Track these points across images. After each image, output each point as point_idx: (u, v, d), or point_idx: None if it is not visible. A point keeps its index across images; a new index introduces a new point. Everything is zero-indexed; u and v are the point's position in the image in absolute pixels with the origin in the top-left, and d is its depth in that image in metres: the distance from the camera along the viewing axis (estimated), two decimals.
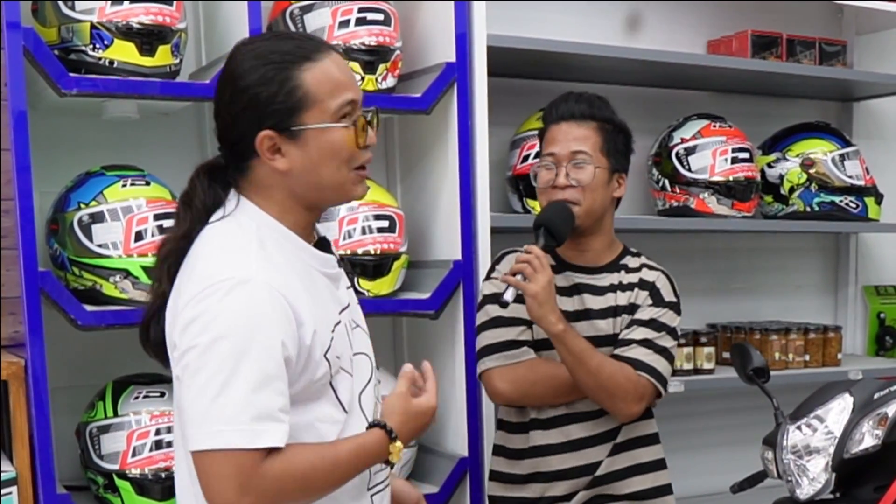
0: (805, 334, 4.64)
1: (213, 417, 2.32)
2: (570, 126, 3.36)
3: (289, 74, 2.44)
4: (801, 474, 3.09)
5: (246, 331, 2.33)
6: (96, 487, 3.48)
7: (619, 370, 3.28)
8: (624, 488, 3.40)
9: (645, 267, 3.49)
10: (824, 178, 4.57)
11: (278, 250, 2.46)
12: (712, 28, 4.84)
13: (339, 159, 2.48)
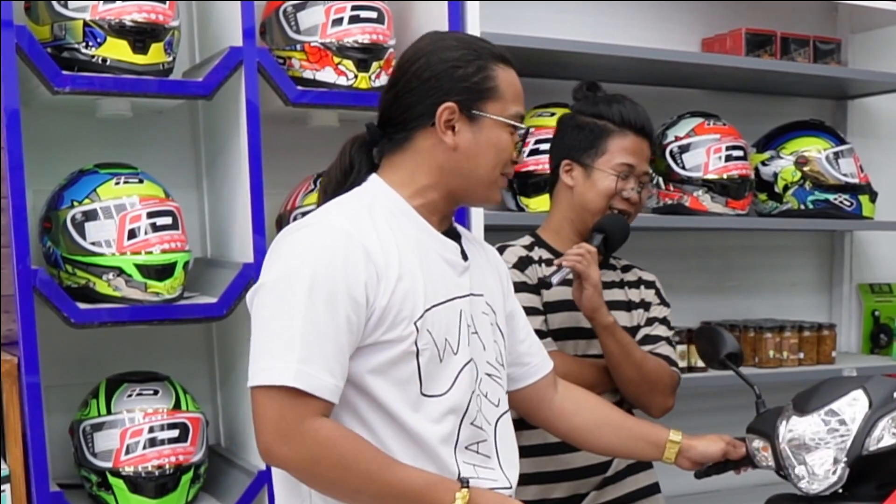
0: (799, 332, 4.69)
1: (265, 354, 2.37)
2: (645, 143, 3.38)
3: (488, 64, 2.56)
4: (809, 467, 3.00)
5: (308, 271, 2.36)
6: (90, 485, 3.48)
7: (659, 365, 3.35)
8: (621, 489, 3.42)
9: (634, 267, 3.56)
10: (818, 176, 4.60)
11: (389, 220, 2.51)
12: (706, 26, 4.89)
13: (498, 157, 2.59)
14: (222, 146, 3.79)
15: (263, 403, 2.38)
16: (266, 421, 2.38)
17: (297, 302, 2.36)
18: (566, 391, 2.99)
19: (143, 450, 3.41)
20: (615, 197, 3.32)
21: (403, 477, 2.46)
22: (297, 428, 2.36)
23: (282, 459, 2.40)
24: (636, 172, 3.32)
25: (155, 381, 3.57)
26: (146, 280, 3.37)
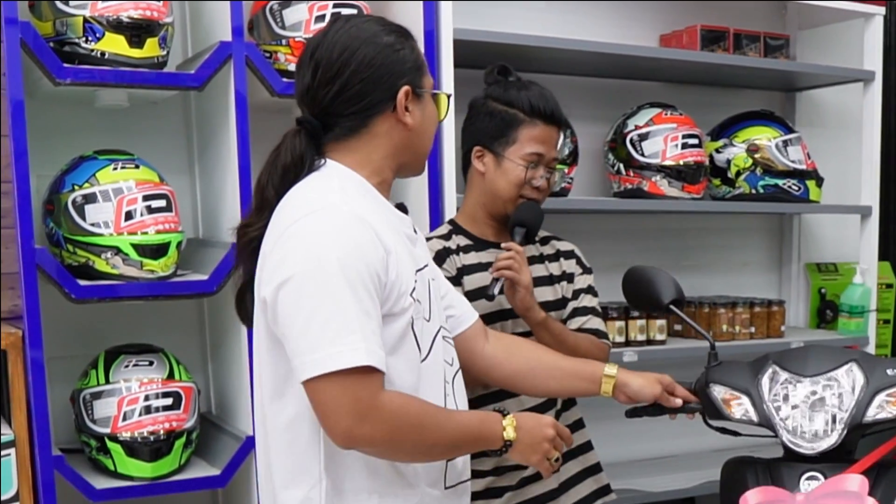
0: (751, 308, 4.69)
1: (325, 341, 2.29)
2: (555, 131, 3.36)
3: (412, 44, 2.58)
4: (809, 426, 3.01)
5: (335, 252, 2.32)
6: (89, 450, 3.49)
7: (590, 342, 3.33)
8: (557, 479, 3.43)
9: (552, 239, 3.53)
10: (769, 163, 4.60)
11: (355, 194, 2.47)
12: (664, 23, 4.85)
13: (434, 127, 2.65)
14: (213, 134, 3.79)
15: (332, 390, 2.31)
16: (341, 407, 2.32)
17: (337, 287, 2.30)
18: (496, 340, 2.98)
19: (138, 417, 3.43)
20: (525, 186, 3.33)
21: (462, 420, 2.53)
22: (374, 405, 2.32)
23: (366, 439, 2.35)
24: (545, 160, 3.32)
25: (150, 353, 3.59)
26: (142, 259, 3.38)
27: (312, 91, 2.52)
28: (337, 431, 2.33)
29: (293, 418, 2.46)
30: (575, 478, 3.47)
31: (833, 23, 5.10)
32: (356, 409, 2.30)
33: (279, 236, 2.40)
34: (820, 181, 4.71)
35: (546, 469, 2.63)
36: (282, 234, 2.40)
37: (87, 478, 3.41)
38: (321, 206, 2.40)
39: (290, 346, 2.35)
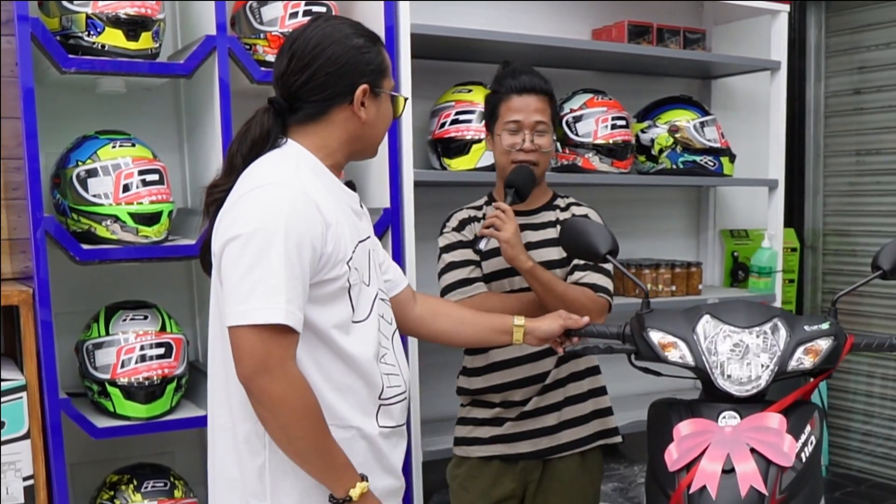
0: (672, 269, 4.73)
1: (254, 296, 2.33)
2: (531, 98, 3.36)
3: (380, 48, 2.62)
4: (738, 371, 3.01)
5: (281, 223, 2.35)
6: (92, 393, 3.52)
7: (582, 293, 3.31)
8: (562, 394, 3.47)
9: (573, 205, 3.53)
10: (688, 142, 4.63)
11: (312, 176, 2.52)
12: (595, 18, 4.86)
13: (387, 124, 2.69)
14: (200, 117, 3.78)
15: (250, 339, 2.34)
16: (251, 356, 2.35)
17: (276, 251, 2.34)
18: (423, 302, 3.04)
19: (135, 364, 3.46)
20: (512, 151, 3.35)
21: (335, 448, 2.46)
22: (281, 364, 2.35)
23: (260, 390, 2.36)
24: (525, 125, 3.33)
25: (145, 308, 3.60)
26: (138, 226, 3.40)
27: (285, 77, 2.56)
28: (242, 372, 2.36)
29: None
30: (579, 420, 3.51)
31: (744, 19, 5.09)
32: (265, 361, 2.34)
33: (234, 202, 2.44)
34: (732, 158, 4.77)
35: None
36: (236, 201, 2.43)
37: (90, 418, 3.42)
38: (274, 181, 2.43)
39: (224, 293, 2.40)
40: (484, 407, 3.50)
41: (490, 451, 3.46)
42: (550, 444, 3.46)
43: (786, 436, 2.87)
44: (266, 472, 2.51)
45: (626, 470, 4.81)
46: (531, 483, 3.50)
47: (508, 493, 3.47)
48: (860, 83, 5.55)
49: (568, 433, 3.48)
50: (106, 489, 3.64)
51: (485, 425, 3.48)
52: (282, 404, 2.37)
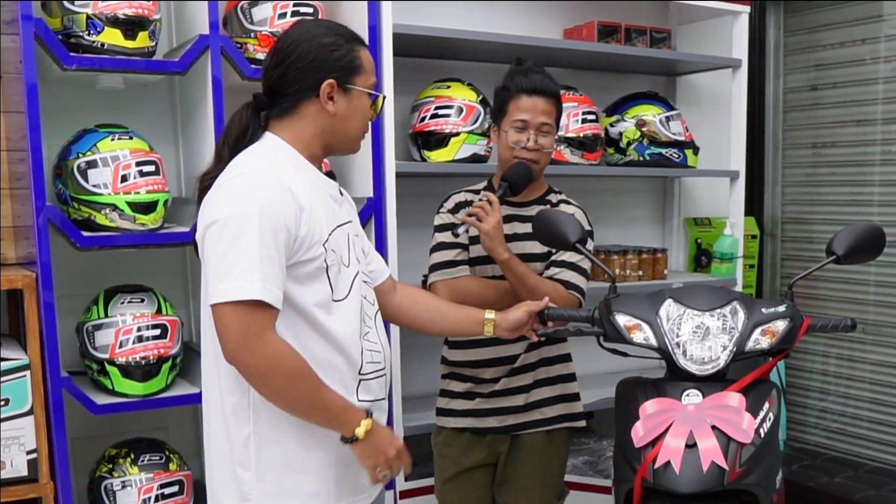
0: (639, 255, 4.71)
1: (231, 275, 2.36)
2: (539, 100, 3.35)
3: (354, 47, 2.62)
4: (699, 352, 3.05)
5: (255, 208, 2.38)
6: (91, 372, 3.54)
7: (553, 289, 3.31)
8: (532, 376, 3.49)
9: (563, 202, 3.53)
10: (654, 135, 4.63)
11: (290, 166, 2.55)
12: (567, 19, 4.85)
13: (362, 119, 2.68)
14: (193, 111, 3.78)
15: (230, 316, 2.37)
16: (232, 332, 2.38)
17: (251, 234, 2.36)
18: (403, 291, 3.07)
19: (132, 344, 3.48)
20: (516, 148, 3.36)
21: (330, 397, 2.50)
22: (260, 337, 2.37)
23: (244, 364, 2.40)
24: (531, 125, 3.33)
25: (142, 292, 3.61)
26: (135, 214, 3.41)
27: (266, 72, 2.62)
28: (226, 350, 2.40)
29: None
30: (546, 401, 3.52)
31: (707, 19, 5.07)
32: (244, 335, 2.37)
33: (213, 191, 2.49)
34: (696, 150, 4.77)
35: (371, 476, 2.62)
36: (215, 190, 2.48)
37: (90, 395, 3.44)
38: (249, 170, 2.47)
39: (206, 275, 2.45)
40: (459, 380, 3.53)
41: (462, 423, 3.49)
42: (517, 422, 3.48)
43: (745, 413, 2.90)
44: (251, 442, 2.54)
45: (595, 444, 4.82)
46: (501, 453, 3.52)
47: (479, 461, 3.51)
48: (816, 80, 5.53)
49: (535, 413, 3.50)
50: (105, 462, 3.66)
51: (459, 398, 3.51)
52: (268, 372, 2.40)
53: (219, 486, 2.65)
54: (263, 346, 2.39)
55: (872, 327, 5.30)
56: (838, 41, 5.39)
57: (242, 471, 2.56)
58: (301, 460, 2.57)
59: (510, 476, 3.54)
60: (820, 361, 5.65)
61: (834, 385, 5.57)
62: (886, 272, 5.18)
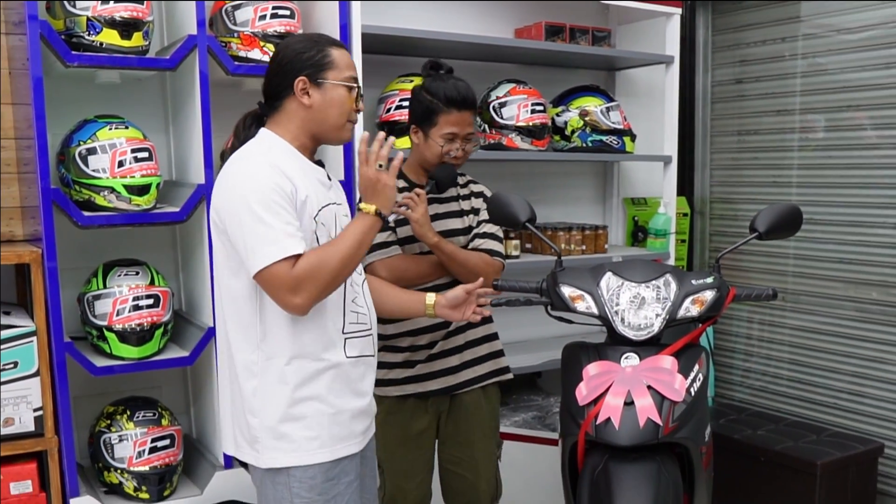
0: (582, 231, 4.73)
1: (258, 246, 2.50)
2: (467, 113, 3.38)
3: (324, 48, 2.69)
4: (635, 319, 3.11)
5: (261, 186, 2.52)
6: (91, 337, 3.55)
7: (480, 258, 3.38)
8: (462, 339, 3.51)
9: (471, 182, 3.57)
10: (596, 124, 4.65)
11: (283, 155, 2.65)
12: (517, 19, 4.86)
13: (341, 109, 2.71)
14: (183, 103, 3.78)
15: (272, 278, 2.51)
16: (281, 287, 2.51)
17: (257, 208, 2.50)
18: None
19: (128, 313, 3.49)
20: (444, 155, 3.38)
21: (346, 235, 2.62)
22: (296, 277, 2.49)
23: (304, 304, 2.54)
24: (459, 136, 3.37)
25: (137, 265, 3.62)
26: (130, 196, 3.42)
27: (263, 83, 2.77)
28: (287, 306, 2.55)
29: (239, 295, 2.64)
30: (477, 360, 3.54)
31: (643, 20, 5.08)
32: (288, 285, 2.50)
33: (219, 181, 2.63)
34: (633, 137, 4.78)
35: (389, 179, 2.69)
36: (220, 180, 2.63)
37: (90, 358, 3.46)
38: (245, 157, 2.62)
39: (239, 251, 2.56)
40: (394, 352, 3.50)
41: (405, 390, 3.48)
42: (455, 382, 3.50)
43: (677, 375, 2.96)
44: (258, 392, 2.65)
45: (543, 401, 4.87)
46: (442, 414, 3.54)
47: (425, 425, 3.52)
48: (741, 74, 5.53)
49: (468, 371, 3.52)
50: (104, 418, 3.67)
51: (397, 368, 3.49)
52: (322, 287, 2.55)
53: (235, 427, 2.76)
54: (302, 279, 2.52)
55: (791, 296, 5.30)
56: (760, 39, 5.40)
57: (251, 417, 2.67)
58: (298, 409, 2.66)
59: (452, 434, 3.57)
60: (744, 326, 5.65)
61: (757, 347, 5.58)
62: (804, 246, 5.18)
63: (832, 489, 4.49)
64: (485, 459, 3.60)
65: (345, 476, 2.75)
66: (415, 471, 3.55)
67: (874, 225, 4.86)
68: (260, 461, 2.70)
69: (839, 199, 5.03)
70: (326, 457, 2.70)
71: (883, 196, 4.80)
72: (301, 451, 2.68)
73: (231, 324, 2.69)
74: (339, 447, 2.73)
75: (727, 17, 5.61)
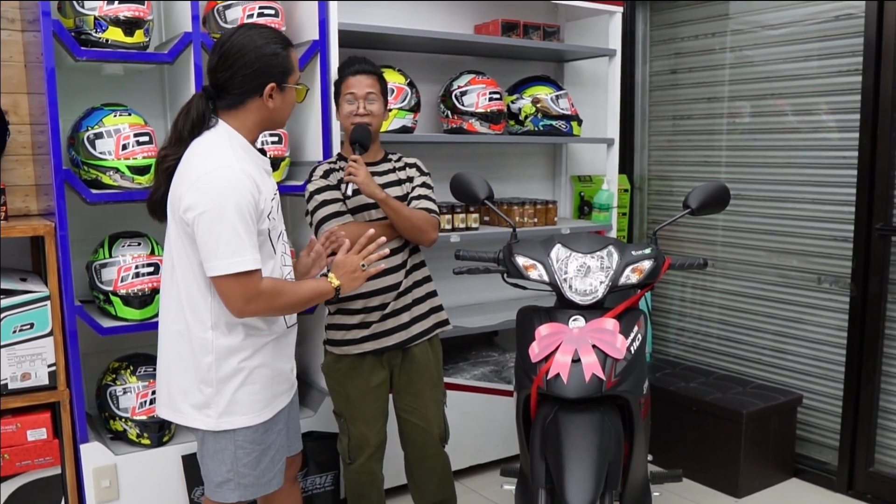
0: (534, 206, 4.72)
1: (226, 253, 2.49)
2: (363, 77, 3.39)
3: (287, 52, 2.66)
4: (584, 285, 3.09)
5: (233, 198, 2.47)
6: (98, 301, 3.58)
7: (422, 215, 3.38)
8: (409, 298, 3.50)
9: (403, 157, 3.57)
10: (546, 110, 4.64)
11: (241, 151, 2.61)
12: (477, 17, 4.86)
13: (292, 107, 2.75)
14: (179, 92, 3.80)
15: (231, 284, 2.51)
16: (237, 294, 2.52)
17: (233, 220, 2.47)
18: None
19: (131, 279, 3.51)
20: (351, 116, 3.40)
21: (307, 286, 2.68)
22: (257, 291, 2.53)
23: (254, 314, 2.57)
24: (358, 97, 3.38)
25: (139, 237, 3.64)
26: (133, 175, 3.44)
27: (214, 72, 2.63)
28: (234, 309, 2.56)
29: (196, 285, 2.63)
30: (422, 315, 3.54)
31: (589, 17, 5.08)
32: (245, 296, 2.52)
33: (192, 183, 2.50)
34: (580, 122, 4.78)
35: (364, 277, 2.80)
36: (194, 182, 2.49)
37: (98, 320, 3.48)
38: (221, 165, 2.50)
39: (203, 253, 2.51)
40: (348, 314, 3.47)
41: (362, 348, 3.46)
42: (407, 336, 3.50)
43: (618, 335, 2.97)
44: (212, 367, 2.67)
45: (500, 357, 4.88)
46: (395, 367, 3.54)
47: (382, 378, 3.52)
48: (676, 65, 5.50)
49: (417, 326, 3.52)
50: (109, 373, 3.71)
51: (354, 329, 3.46)
52: (270, 309, 2.60)
53: (178, 395, 2.74)
54: (259, 296, 2.54)
55: (720, 263, 5.28)
56: (693, 34, 5.39)
57: (205, 387, 2.68)
58: (249, 377, 2.71)
59: (406, 385, 3.58)
60: (679, 290, 5.63)
61: (690, 309, 5.57)
62: (732, 219, 5.17)
63: (755, 435, 4.49)
64: (434, 407, 3.62)
65: (275, 426, 2.81)
66: (374, 419, 3.56)
67: (794, 200, 4.85)
68: (212, 425, 2.71)
69: (763, 176, 5.01)
70: (268, 415, 2.77)
71: (801, 174, 4.79)
72: (250, 413, 2.73)
73: (184, 302, 2.66)
74: (276, 403, 2.81)
75: (663, 14, 5.59)
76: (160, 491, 3.67)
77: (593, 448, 2.87)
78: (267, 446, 2.78)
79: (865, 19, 4.26)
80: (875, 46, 4.21)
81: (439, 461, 3.71)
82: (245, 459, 2.75)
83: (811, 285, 4.84)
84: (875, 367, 4.42)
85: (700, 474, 4.65)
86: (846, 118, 4.55)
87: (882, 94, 4.22)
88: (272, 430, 2.79)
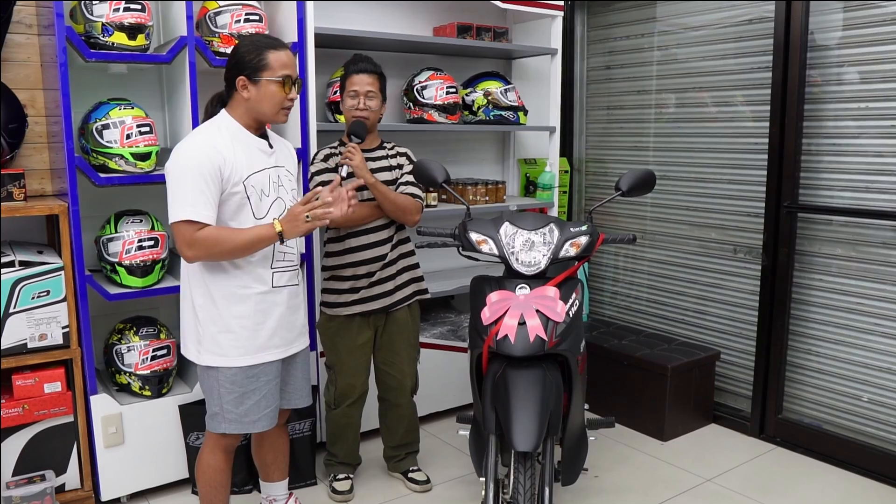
0: (486, 186, 4.72)
1: (176, 206, 2.62)
2: (365, 75, 3.43)
3: (262, 52, 2.74)
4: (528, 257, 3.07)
5: (191, 162, 2.60)
6: (105, 271, 3.61)
7: (406, 199, 3.42)
8: (393, 269, 3.54)
9: (396, 146, 3.61)
10: (497, 102, 4.66)
11: (229, 132, 2.73)
12: (434, 20, 4.87)
13: (272, 101, 2.76)
14: (176, 89, 3.79)
15: (176, 231, 2.63)
16: (180, 240, 2.63)
17: (186, 178, 2.60)
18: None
19: (134, 252, 3.55)
20: (352, 110, 3.44)
21: (250, 232, 2.68)
22: (193, 238, 2.62)
23: (195, 256, 2.66)
24: (360, 93, 3.43)
25: (141, 215, 3.67)
26: (136, 161, 3.47)
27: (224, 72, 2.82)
28: (182, 255, 2.67)
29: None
30: (404, 284, 3.61)
31: (533, 20, 5.09)
32: (186, 241, 2.63)
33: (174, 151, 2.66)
34: (526, 112, 4.80)
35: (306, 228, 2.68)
36: (174, 149, 2.67)
37: (105, 287, 3.52)
38: (192, 140, 2.66)
39: (168, 201, 2.64)
40: (340, 280, 3.52)
41: (352, 310, 3.53)
42: (390, 302, 3.57)
43: (559, 301, 2.98)
44: (202, 309, 2.81)
45: (456, 318, 4.92)
46: (378, 328, 3.61)
47: (367, 338, 3.59)
48: (610, 62, 5.52)
49: (399, 293, 3.59)
50: (115, 333, 3.76)
51: (344, 293, 3.51)
52: (209, 255, 2.66)
53: (188, 336, 2.90)
54: (197, 243, 2.62)
55: (649, 235, 5.31)
56: (625, 35, 5.41)
57: (199, 326, 2.82)
58: (230, 325, 2.81)
59: (386, 343, 3.65)
60: (613, 259, 5.66)
61: (622, 275, 5.59)
62: (659, 196, 5.20)
63: (679, 386, 4.53)
64: (409, 363, 3.71)
65: (263, 376, 2.87)
66: (359, 372, 3.63)
67: (713, 180, 4.88)
68: (200, 360, 2.85)
69: (686, 160, 5.02)
70: (247, 362, 2.84)
71: (720, 158, 4.81)
72: (228, 356, 2.82)
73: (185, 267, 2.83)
74: (259, 355, 2.86)
75: (599, 17, 5.60)
76: (159, 436, 3.73)
77: (537, 399, 2.88)
78: (249, 391, 2.85)
79: (775, 22, 4.29)
80: (783, 47, 4.26)
81: (409, 409, 3.80)
82: (228, 397, 2.84)
83: (728, 255, 4.86)
84: (783, 327, 4.47)
85: (630, 420, 4.70)
86: (758, 109, 4.58)
87: (789, 89, 4.27)
88: (258, 378, 2.85)
